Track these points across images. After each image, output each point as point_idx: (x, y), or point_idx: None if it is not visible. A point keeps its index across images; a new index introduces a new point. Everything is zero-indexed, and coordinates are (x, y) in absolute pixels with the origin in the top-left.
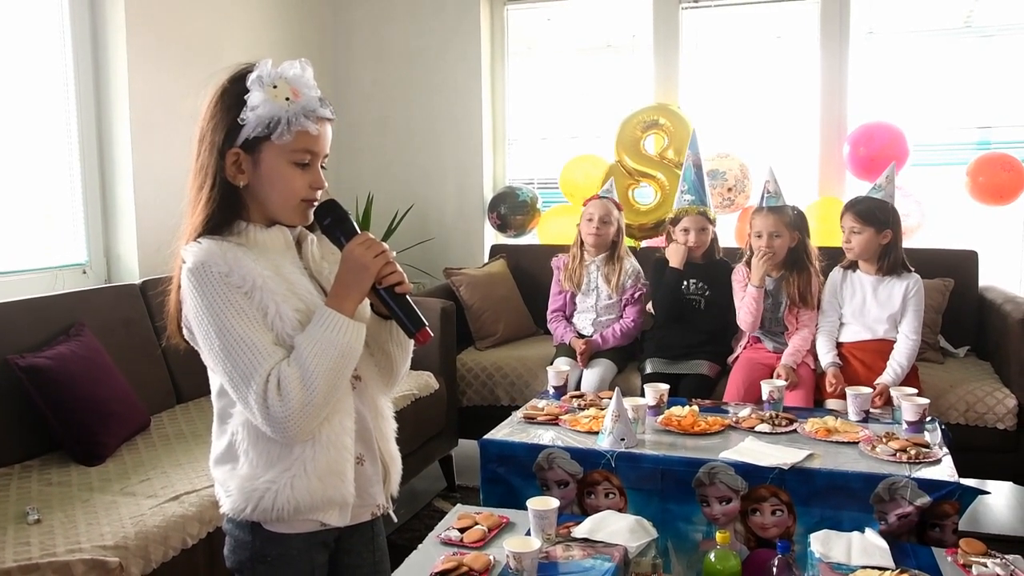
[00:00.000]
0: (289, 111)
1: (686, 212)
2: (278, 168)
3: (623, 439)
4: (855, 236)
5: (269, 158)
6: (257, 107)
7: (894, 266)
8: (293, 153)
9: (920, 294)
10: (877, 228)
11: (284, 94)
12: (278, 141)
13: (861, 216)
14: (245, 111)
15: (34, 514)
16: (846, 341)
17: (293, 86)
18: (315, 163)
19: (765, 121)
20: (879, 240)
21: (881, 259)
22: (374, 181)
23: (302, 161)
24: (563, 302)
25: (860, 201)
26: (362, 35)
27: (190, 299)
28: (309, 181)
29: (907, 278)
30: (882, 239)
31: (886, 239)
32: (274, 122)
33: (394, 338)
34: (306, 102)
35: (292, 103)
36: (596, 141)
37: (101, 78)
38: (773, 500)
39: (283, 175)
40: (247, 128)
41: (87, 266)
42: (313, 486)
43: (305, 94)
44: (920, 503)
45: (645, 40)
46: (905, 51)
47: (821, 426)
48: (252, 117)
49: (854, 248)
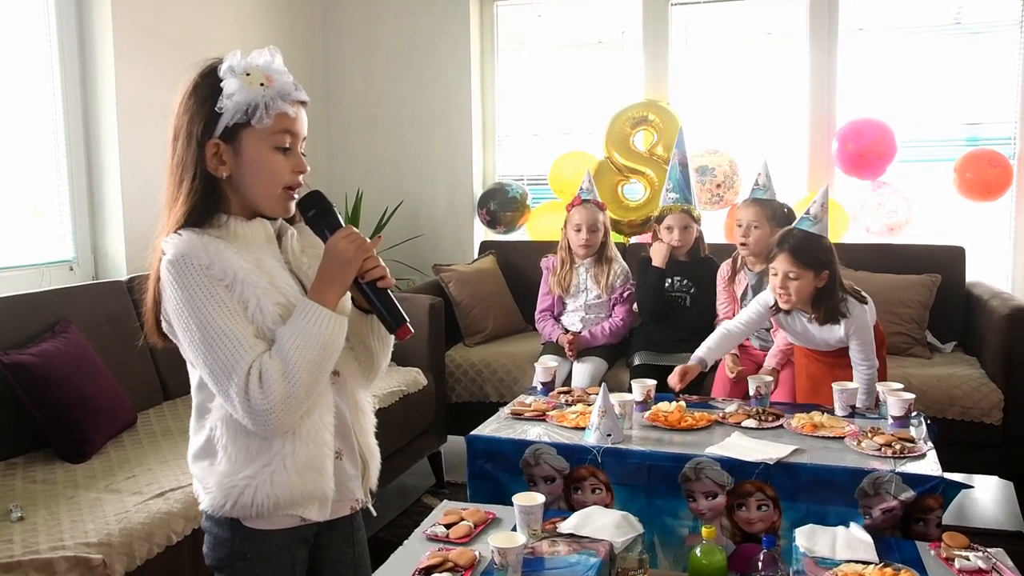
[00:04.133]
0: (266, 95)
1: (670, 210)
2: (260, 154)
3: (610, 435)
4: (791, 283)
5: (250, 145)
6: (233, 94)
7: (831, 314)
8: (274, 136)
9: (861, 328)
10: (816, 270)
11: (258, 80)
12: (258, 125)
13: (799, 258)
14: (222, 99)
15: (17, 512)
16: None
17: (265, 72)
18: (295, 146)
19: (754, 117)
20: (816, 283)
21: (817, 305)
22: (364, 177)
23: (283, 145)
24: (551, 302)
25: (793, 237)
26: (352, 31)
27: (170, 291)
28: (291, 165)
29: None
30: (818, 282)
31: (822, 282)
32: (252, 107)
33: (375, 333)
34: (280, 86)
35: (267, 88)
36: (586, 137)
37: (88, 74)
38: (759, 495)
39: (265, 160)
40: (225, 116)
41: (74, 263)
42: (293, 481)
43: (278, 79)
44: (904, 497)
45: (635, 36)
46: (894, 47)
47: (807, 421)
48: (230, 105)
49: (791, 297)
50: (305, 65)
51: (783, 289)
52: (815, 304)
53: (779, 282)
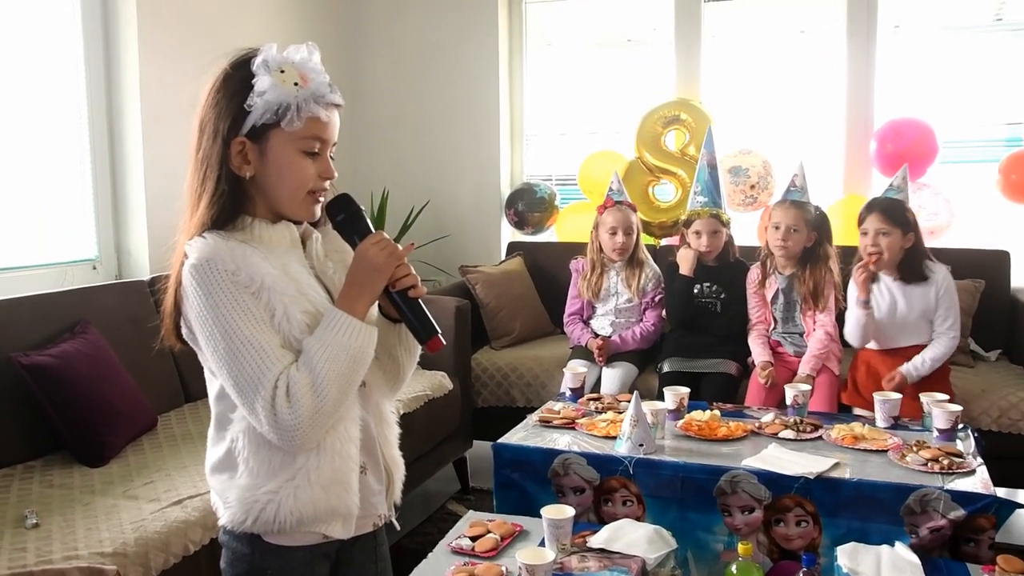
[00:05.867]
0: (299, 96)
1: (698, 215)
2: (287, 157)
3: (642, 444)
4: (883, 238)
5: (277, 146)
6: (265, 92)
7: (918, 274)
8: (303, 141)
9: (951, 288)
10: (903, 230)
11: (292, 79)
12: (288, 128)
13: (890, 216)
14: (252, 96)
15: (32, 518)
16: (872, 348)
17: (301, 71)
18: (324, 151)
19: (789, 117)
20: (902, 244)
21: (904, 265)
22: (389, 176)
23: (311, 149)
24: (580, 305)
25: (882, 200)
26: (378, 28)
27: (193, 298)
28: (319, 170)
29: (933, 278)
30: (905, 242)
31: (909, 243)
32: (283, 108)
33: (403, 343)
34: (315, 87)
35: (301, 88)
36: (616, 137)
37: (112, 71)
38: (798, 510)
39: (292, 164)
40: (254, 114)
41: (97, 262)
42: (317, 496)
43: (314, 79)
44: (954, 516)
45: (666, 34)
46: (934, 46)
47: (848, 433)
48: (260, 103)
49: (883, 253)
50: (330, 62)
51: (874, 246)
52: (901, 264)
53: (870, 239)
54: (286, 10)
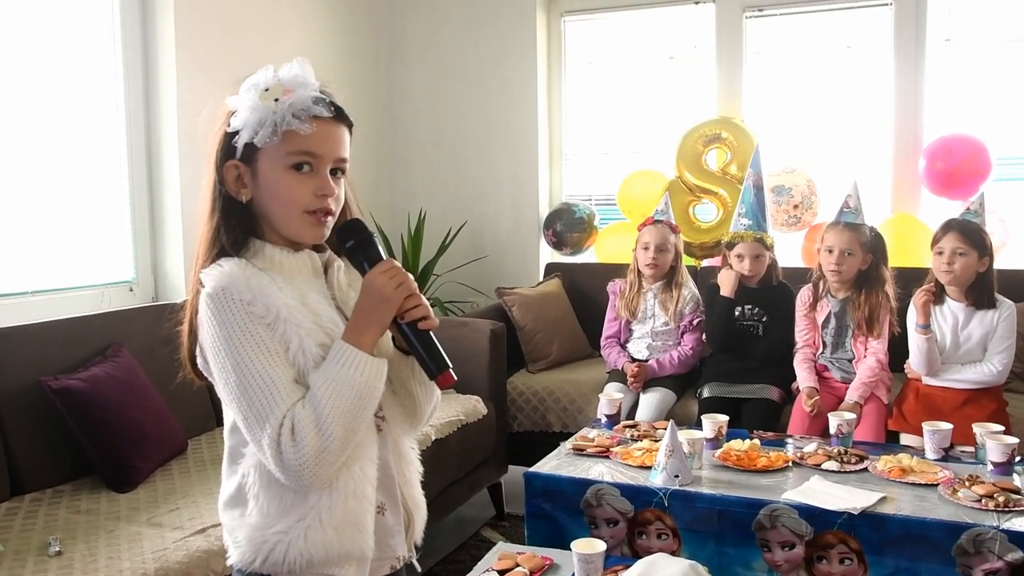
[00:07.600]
0: (276, 112)
1: (741, 238)
2: (274, 175)
3: (677, 476)
4: (959, 258)
5: (265, 166)
6: (245, 112)
7: (988, 300)
8: (288, 156)
9: (1013, 317)
10: (980, 253)
11: (275, 95)
12: (261, 145)
13: (968, 236)
14: (234, 119)
15: (55, 545)
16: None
17: (286, 86)
18: (320, 167)
19: (834, 134)
20: (977, 267)
21: (974, 289)
22: (427, 197)
23: (298, 165)
24: (618, 328)
25: (961, 221)
26: (416, 47)
27: (207, 327)
28: (313, 188)
29: (1000, 307)
30: (980, 266)
31: (983, 267)
32: (261, 125)
33: (417, 376)
34: (296, 99)
35: (280, 103)
36: (656, 156)
37: (151, 93)
38: (841, 547)
39: (279, 181)
40: (241, 136)
41: (134, 283)
42: (329, 538)
43: (298, 92)
44: (1012, 559)
45: (708, 51)
46: (986, 59)
47: (895, 465)
48: (238, 123)
49: (956, 271)
50: (368, 81)
51: (949, 264)
52: (972, 288)
53: (946, 258)
54: (324, 31)
